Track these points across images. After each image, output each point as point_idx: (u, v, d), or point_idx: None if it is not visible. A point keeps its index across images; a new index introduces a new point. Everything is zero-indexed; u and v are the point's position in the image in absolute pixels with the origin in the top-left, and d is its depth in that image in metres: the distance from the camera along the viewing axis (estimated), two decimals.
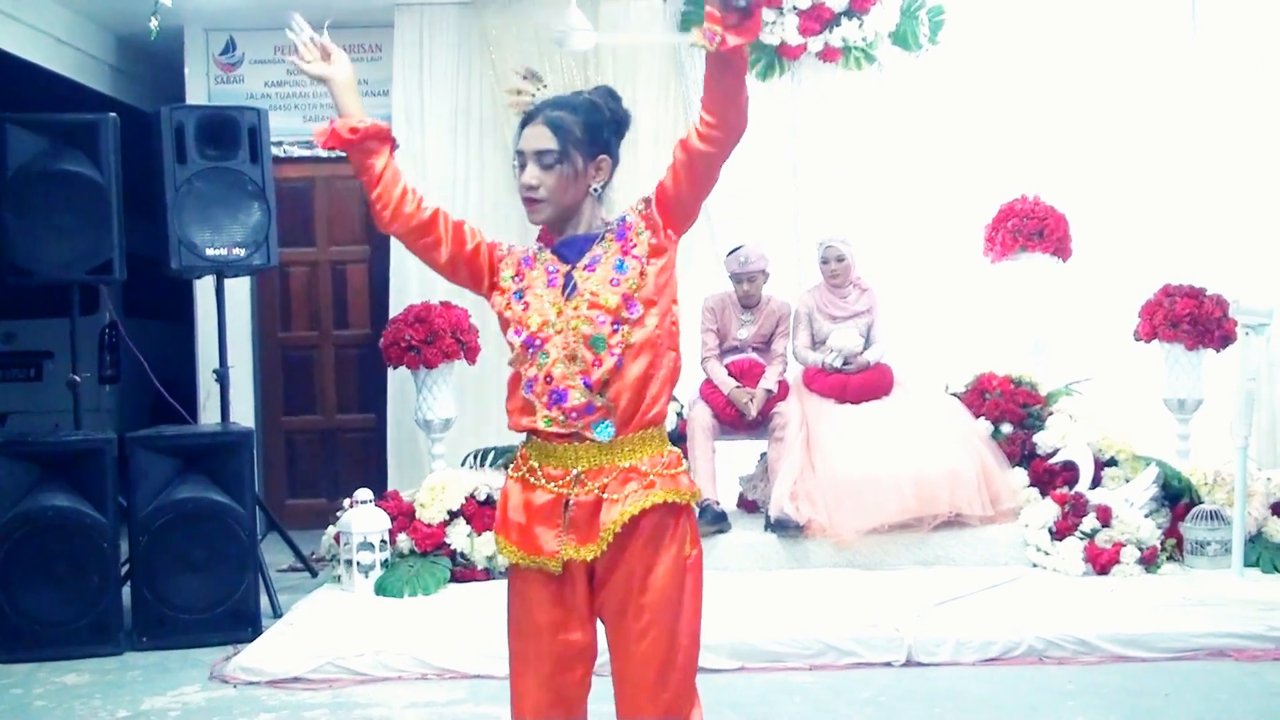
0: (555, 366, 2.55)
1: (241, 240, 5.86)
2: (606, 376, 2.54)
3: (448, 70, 7.52)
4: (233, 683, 4.77)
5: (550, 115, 2.62)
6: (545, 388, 2.56)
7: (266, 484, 7.89)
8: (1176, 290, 6.38)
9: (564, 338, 2.55)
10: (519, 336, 2.59)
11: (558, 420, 2.56)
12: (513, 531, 2.60)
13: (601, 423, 2.55)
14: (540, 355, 2.57)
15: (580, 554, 2.55)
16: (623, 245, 2.61)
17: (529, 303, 2.59)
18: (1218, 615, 5.07)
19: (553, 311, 2.57)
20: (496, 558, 6.00)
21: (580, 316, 2.55)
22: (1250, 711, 4.30)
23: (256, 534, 5.65)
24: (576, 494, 2.55)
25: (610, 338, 2.54)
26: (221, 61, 7.88)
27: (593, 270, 2.59)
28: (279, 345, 8.16)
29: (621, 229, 2.64)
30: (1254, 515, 5.86)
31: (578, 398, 2.54)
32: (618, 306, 2.55)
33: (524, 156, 2.61)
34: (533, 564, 2.57)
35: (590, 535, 2.54)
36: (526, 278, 2.63)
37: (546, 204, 2.61)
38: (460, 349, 6.48)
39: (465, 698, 4.56)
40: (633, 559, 2.55)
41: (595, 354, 2.54)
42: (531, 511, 2.58)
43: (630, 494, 2.55)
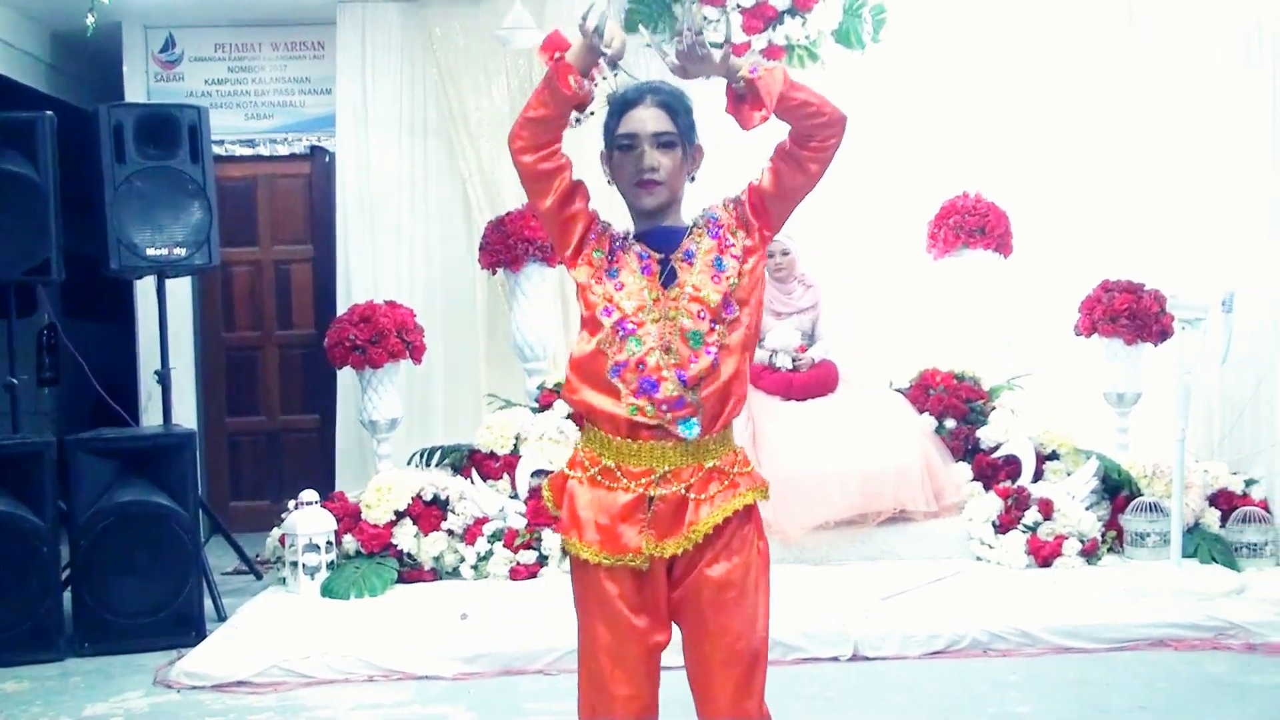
0: (649, 355, 2.52)
1: (182, 240, 5.80)
2: (702, 374, 2.53)
3: (391, 68, 7.46)
4: (176, 687, 4.72)
5: (660, 98, 2.60)
6: (635, 375, 2.53)
7: (210, 486, 7.81)
8: (1115, 286, 6.47)
9: (660, 327, 2.53)
10: (609, 317, 2.55)
11: (644, 410, 2.52)
12: (589, 530, 2.56)
13: (688, 420, 2.53)
14: (632, 341, 2.53)
15: (663, 549, 2.53)
16: (719, 243, 2.59)
17: (624, 283, 2.56)
18: (1157, 606, 5.16)
19: (649, 298, 2.54)
20: (444, 557, 5.99)
21: (680, 309, 2.53)
22: (1189, 700, 4.37)
23: (200, 537, 5.59)
24: (661, 492, 2.53)
25: (708, 335, 2.53)
26: (161, 59, 7.79)
27: (690, 263, 2.57)
28: (222, 346, 8.07)
29: (713, 226, 2.61)
30: (1191, 507, 5.95)
31: (670, 390, 2.52)
32: (718, 306, 2.54)
33: (636, 140, 2.58)
34: (618, 563, 2.53)
35: (673, 530, 2.53)
36: (621, 259, 2.59)
37: (664, 187, 2.59)
38: (405, 348, 6.44)
39: (412, 699, 4.54)
40: (716, 556, 2.54)
41: (691, 349, 2.53)
42: (613, 511, 2.54)
43: (716, 494, 2.55)
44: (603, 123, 2.68)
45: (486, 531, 6.02)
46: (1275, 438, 6.11)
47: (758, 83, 2.49)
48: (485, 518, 6.07)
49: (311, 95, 7.86)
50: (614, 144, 2.62)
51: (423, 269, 7.46)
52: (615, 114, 2.63)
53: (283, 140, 7.90)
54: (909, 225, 7.12)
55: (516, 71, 7.30)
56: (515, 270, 6.69)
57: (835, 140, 2.54)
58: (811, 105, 2.50)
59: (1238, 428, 6.49)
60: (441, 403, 7.40)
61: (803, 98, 2.50)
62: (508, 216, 6.71)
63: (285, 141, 7.91)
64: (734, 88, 2.55)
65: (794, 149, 2.54)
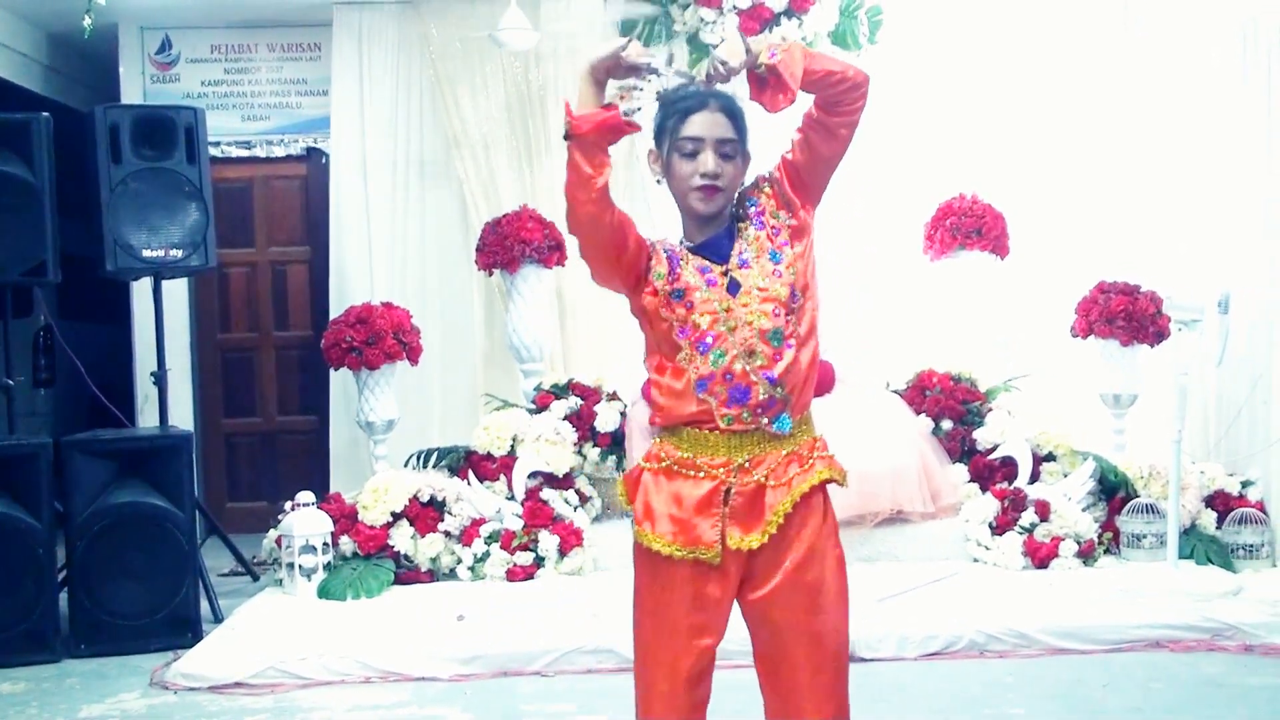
0: (735, 364, 2.51)
1: (179, 241, 5.80)
2: (787, 368, 2.53)
3: (387, 69, 7.46)
4: (173, 689, 4.71)
5: (723, 103, 2.57)
6: (724, 386, 2.52)
7: (206, 487, 7.80)
8: (1111, 287, 6.48)
9: (739, 334, 2.52)
10: (686, 337, 2.54)
11: (740, 418, 2.52)
12: (662, 522, 2.54)
13: (781, 416, 2.54)
14: (715, 354, 2.52)
15: (745, 543, 2.51)
16: (767, 233, 2.58)
17: (693, 302, 2.54)
18: (1153, 607, 5.16)
19: (721, 309, 2.53)
20: (441, 559, 5.99)
21: (753, 311, 2.52)
22: (1186, 701, 4.37)
23: (196, 538, 5.58)
24: (739, 482, 2.53)
25: (785, 330, 2.53)
26: (157, 60, 7.78)
27: (748, 267, 2.55)
28: (218, 347, 8.07)
29: (755, 215, 2.60)
30: (1188, 508, 5.96)
31: (761, 393, 2.52)
32: (787, 299, 2.54)
33: (701, 144, 2.54)
34: (689, 555, 2.51)
35: (753, 523, 2.52)
36: (682, 278, 2.56)
37: (723, 194, 2.57)
38: (402, 350, 6.45)
39: (409, 700, 4.54)
40: (806, 556, 2.54)
41: (774, 348, 2.53)
42: (687, 502, 2.53)
43: (793, 477, 2.54)
44: (656, 122, 2.62)
45: (483, 533, 6.02)
46: (1271, 439, 6.11)
47: (779, 66, 2.48)
48: (482, 519, 6.07)
49: (308, 97, 7.86)
50: (674, 146, 2.57)
51: (419, 270, 7.46)
52: (677, 115, 2.56)
53: (279, 142, 7.89)
54: (906, 226, 7.13)
55: (512, 73, 7.29)
56: (512, 271, 6.69)
57: (861, 102, 2.53)
58: (835, 74, 2.50)
59: (1234, 429, 6.49)
60: (438, 404, 7.40)
61: (825, 68, 2.49)
62: (504, 218, 6.71)
63: (281, 143, 7.90)
64: (756, 73, 2.53)
65: (822, 116, 2.54)
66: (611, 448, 6.45)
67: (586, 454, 6.44)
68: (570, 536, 6.01)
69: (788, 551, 2.53)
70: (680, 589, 2.53)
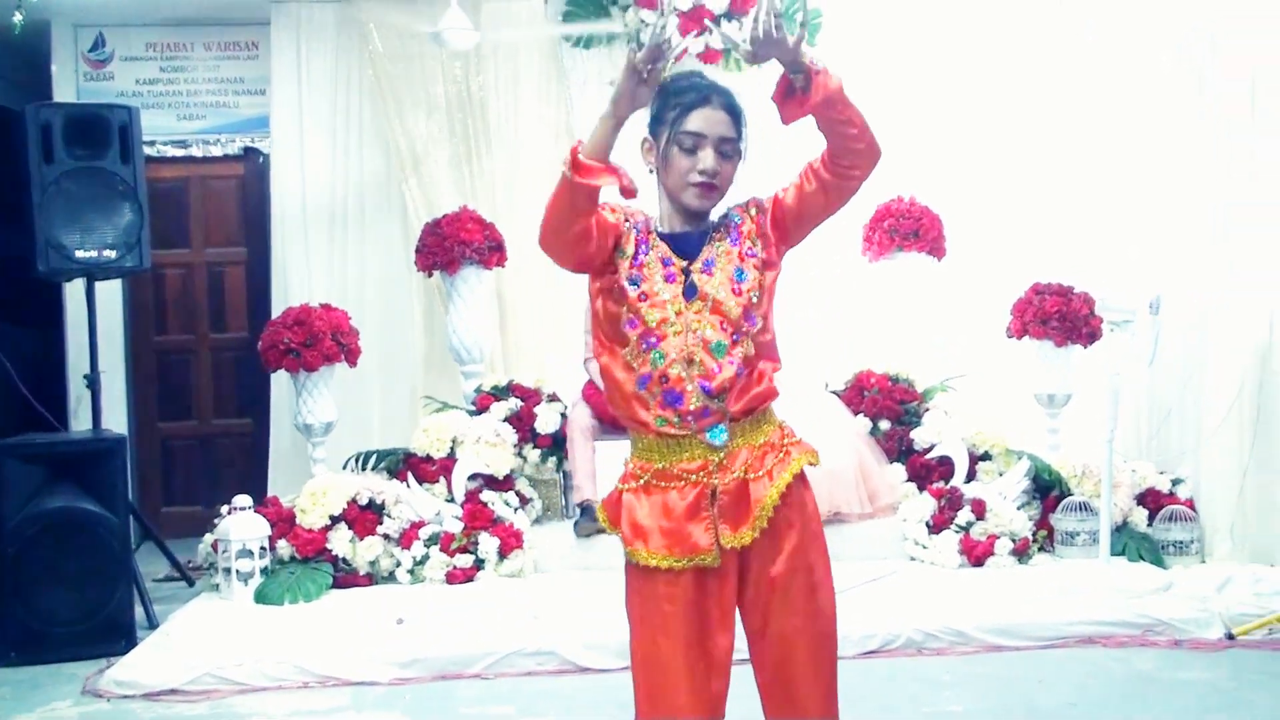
0: (672, 368, 2.50)
1: (112, 242, 5.73)
2: (726, 384, 2.51)
3: (326, 68, 7.40)
4: (106, 697, 4.65)
5: (726, 100, 2.54)
6: (660, 387, 2.51)
7: (141, 492, 7.71)
8: (1046, 289, 6.56)
9: (683, 339, 2.50)
10: (634, 330, 2.52)
11: (671, 422, 2.51)
12: (655, 537, 2.51)
13: (716, 427, 2.52)
14: (655, 354, 2.51)
15: (738, 539, 2.50)
16: (739, 250, 2.57)
17: (646, 294, 2.52)
18: (1087, 604, 5.24)
19: (672, 310, 2.51)
20: (380, 562, 5.96)
21: (703, 320, 2.51)
22: (1119, 696, 4.45)
23: (130, 543, 5.51)
24: (722, 482, 2.52)
25: (731, 348, 2.51)
26: (90, 58, 7.68)
27: (710, 274, 2.54)
28: (154, 349, 7.97)
29: (733, 231, 2.59)
30: (1120, 506, 6.06)
31: (694, 402, 2.50)
32: (739, 318, 2.52)
33: (701, 139, 2.50)
34: (689, 564, 2.50)
35: (742, 518, 2.51)
36: (645, 266, 2.54)
37: (719, 192, 2.56)
38: (341, 351, 6.40)
39: (348, 704, 4.51)
40: (793, 542, 2.54)
41: (716, 359, 2.51)
42: (676, 511, 2.52)
43: (774, 467, 2.54)
44: (653, 111, 2.55)
45: (423, 535, 5.99)
46: (1201, 438, 6.22)
47: (816, 77, 2.42)
48: (421, 521, 6.05)
49: (245, 96, 7.79)
50: (674, 139, 2.51)
51: (358, 271, 7.41)
52: (679, 108, 2.51)
53: (216, 141, 7.81)
54: (844, 228, 7.16)
55: (453, 72, 7.26)
56: (452, 273, 6.67)
57: (861, 172, 2.51)
58: (854, 126, 2.46)
59: (1164, 428, 6.60)
60: (377, 406, 7.35)
61: (849, 114, 2.45)
62: (444, 219, 6.68)
63: (218, 142, 7.82)
64: (790, 77, 2.46)
65: (820, 168, 2.52)
66: (552, 449, 6.45)
67: (527, 456, 6.43)
68: (510, 538, 5.99)
69: (781, 540, 2.54)
70: (685, 599, 2.52)
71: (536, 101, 7.31)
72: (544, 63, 7.34)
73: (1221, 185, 6.12)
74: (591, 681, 4.72)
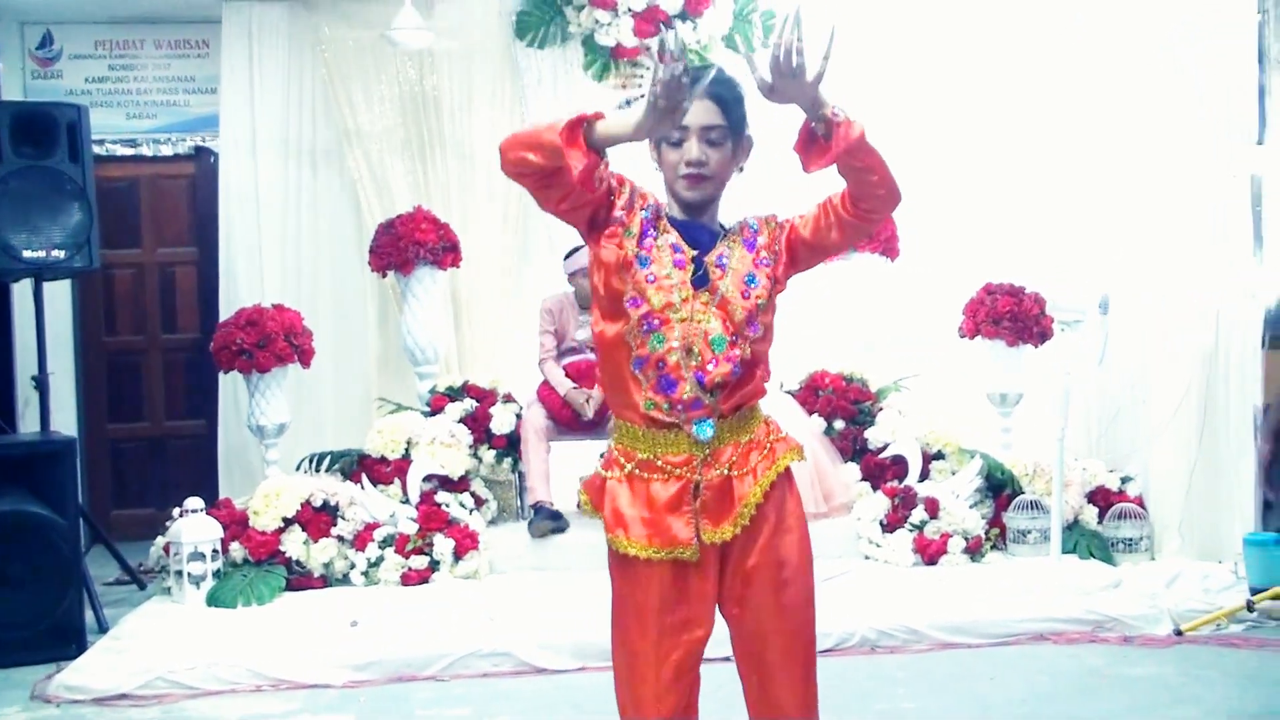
0: (670, 354, 2.50)
1: (61, 242, 5.68)
2: (721, 380, 2.51)
3: (278, 67, 7.33)
4: (55, 702, 4.59)
5: (713, 90, 2.53)
6: (655, 372, 2.51)
7: (91, 494, 7.62)
8: (998, 289, 6.62)
9: (685, 328, 2.50)
10: (637, 309, 2.51)
11: (660, 408, 2.51)
12: (635, 526, 2.52)
13: (704, 421, 2.52)
14: (655, 337, 2.50)
15: (719, 535, 2.51)
16: (754, 257, 2.58)
17: (654, 275, 2.51)
18: (1038, 601, 5.29)
19: (678, 296, 2.51)
20: (334, 564, 5.92)
21: (708, 313, 2.51)
22: (1069, 692, 4.50)
23: (80, 547, 5.45)
24: (706, 477, 2.52)
25: (730, 348, 2.52)
26: (38, 56, 7.58)
27: (723, 270, 2.55)
28: (103, 350, 7.88)
29: (750, 236, 2.60)
30: (1071, 504, 6.12)
31: (687, 392, 2.50)
32: (742, 321, 2.53)
33: (685, 133, 2.51)
34: (667, 556, 2.51)
35: (723, 514, 2.51)
36: (654, 249, 2.53)
37: (711, 181, 2.55)
38: (294, 352, 6.35)
39: (301, 708, 4.49)
40: (772, 533, 2.55)
41: (714, 354, 2.51)
42: (658, 503, 2.52)
43: (758, 465, 2.54)
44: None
45: (377, 537, 5.96)
46: (1150, 436, 6.29)
47: (837, 127, 2.41)
48: (376, 523, 6.02)
49: (196, 95, 7.72)
50: (663, 135, 2.53)
51: (311, 272, 7.35)
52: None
53: (166, 140, 7.74)
54: None
55: (406, 72, 7.23)
56: (406, 273, 6.64)
57: (879, 216, 2.54)
58: (875, 175, 2.47)
59: (1114, 427, 6.67)
60: (331, 407, 7.31)
61: (870, 161, 2.45)
62: (398, 219, 6.66)
63: (169, 142, 7.75)
64: (811, 125, 2.46)
65: (840, 206, 2.53)
66: (507, 450, 6.43)
67: (482, 456, 6.42)
68: (465, 540, 5.97)
69: (756, 535, 2.55)
70: (662, 589, 2.53)
71: (490, 101, 7.29)
72: (498, 63, 7.32)
73: (1170, 187, 6.19)
74: (548, 682, 4.72)
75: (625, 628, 2.60)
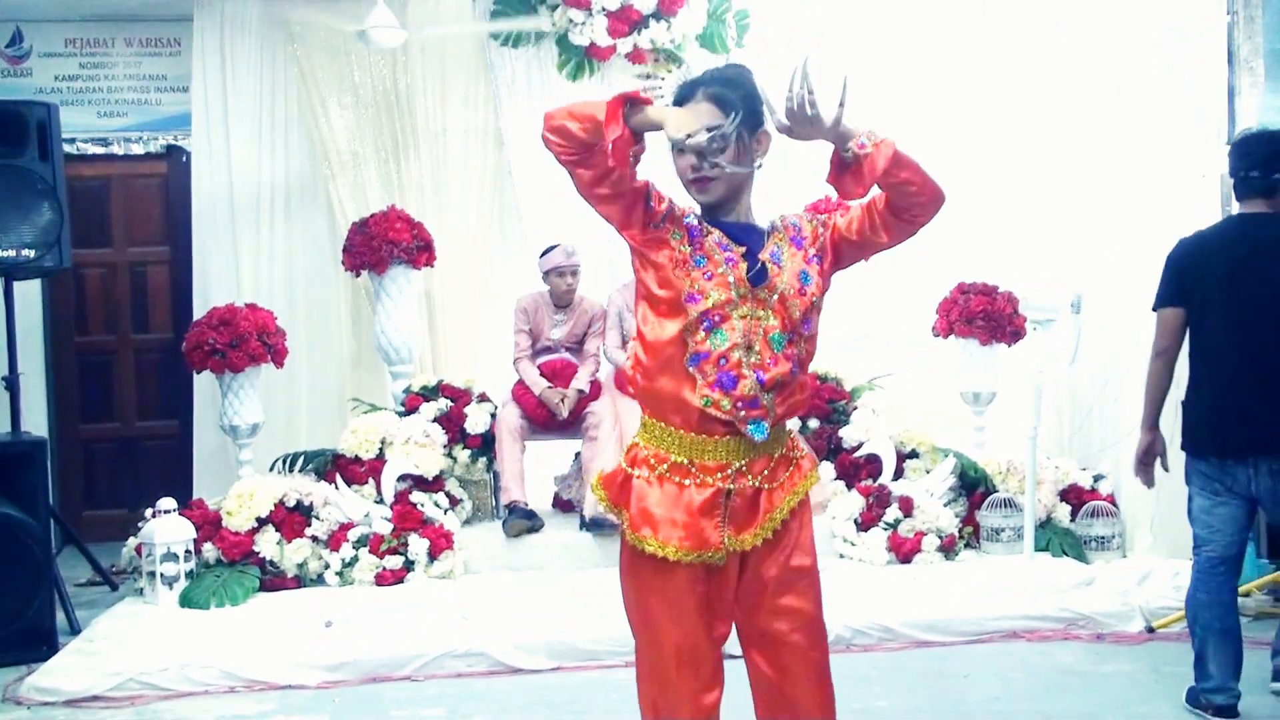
0: (733, 351, 2.51)
1: (31, 241, 5.64)
2: (779, 379, 2.53)
3: (250, 66, 7.29)
4: (27, 704, 4.57)
5: (712, 91, 2.55)
6: (715, 368, 2.51)
7: (62, 495, 7.56)
8: (971, 288, 6.65)
9: (746, 324, 2.52)
10: (696, 305, 2.51)
11: (718, 404, 2.51)
12: (667, 528, 2.53)
13: (759, 422, 2.53)
14: (717, 334, 2.51)
15: (740, 543, 2.54)
16: (804, 254, 2.60)
17: (712, 273, 2.52)
18: (1012, 599, 5.32)
19: (736, 293, 2.52)
20: (308, 564, 5.90)
21: (768, 309, 2.53)
22: (1042, 689, 4.52)
23: (52, 548, 5.42)
24: (738, 486, 2.54)
25: (788, 346, 2.54)
26: (7, 54, 7.52)
27: (779, 267, 2.56)
28: (75, 350, 7.82)
29: (797, 235, 2.62)
30: (1043, 502, 6.15)
31: (748, 389, 2.51)
32: (798, 319, 2.55)
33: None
34: (698, 559, 2.52)
35: (749, 523, 2.55)
36: (703, 245, 2.54)
37: (718, 182, 2.56)
38: (267, 352, 6.33)
39: (275, 709, 4.47)
40: (792, 544, 2.59)
41: (773, 353, 2.53)
42: (691, 507, 2.53)
43: (785, 480, 2.59)
44: None
45: (352, 537, 5.94)
46: (1121, 434, 6.32)
47: (864, 160, 2.44)
48: (350, 523, 6.00)
49: (167, 93, 7.67)
50: (671, 142, 2.52)
51: (284, 271, 7.32)
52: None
53: (137, 139, 7.69)
54: None
55: (379, 71, 7.21)
56: (379, 273, 6.62)
57: (927, 217, 2.54)
58: (913, 185, 2.48)
59: (1086, 425, 6.71)
60: (305, 407, 7.28)
61: (906, 176, 2.46)
62: (371, 218, 6.64)
63: (140, 140, 7.70)
64: (841, 156, 2.48)
65: (884, 211, 2.54)
66: (482, 449, 6.42)
67: (456, 456, 6.41)
68: (440, 540, 5.96)
69: (778, 544, 2.58)
70: (690, 589, 2.56)
71: (463, 100, 7.28)
72: (471, 61, 7.31)
73: (1142, 187, 6.23)
74: (522, 682, 4.72)
75: (659, 629, 2.58)
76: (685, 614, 2.56)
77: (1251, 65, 5.92)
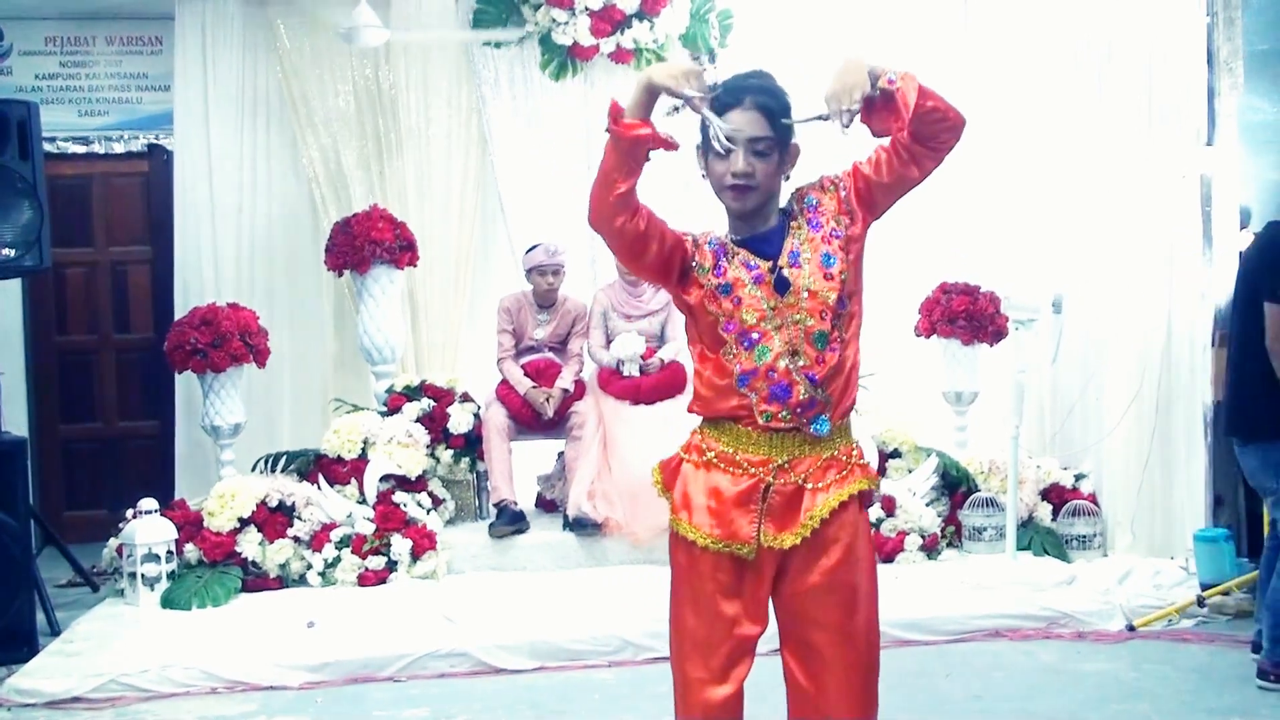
0: (778, 361, 2.52)
1: (11, 240, 5.60)
2: (831, 372, 2.54)
3: (232, 65, 7.25)
4: (7, 705, 4.54)
5: (759, 100, 2.55)
6: (766, 382, 2.53)
7: (43, 495, 7.53)
8: (953, 288, 6.67)
9: (786, 333, 2.53)
10: (731, 331, 2.54)
11: (779, 416, 2.53)
12: (700, 513, 2.55)
13: (820, 418, 2.54)
14: (760, 350, 2.53)
15: (778, 542, 2.53)
16: (821, 234, 2.59)
17: (740, 298, 2.54)
18: (994, 598, 5.35)
19: (767, 307, 2.53)
20: (290, 565, 5.88)
21: (802, 311, 2.53)
22: (1024, 688, 4.54)
23: (32, 549, 5.40)
24: (779, 482, 2.54)
25: (832, 334, 2.54)
26: None
27: (799, 266, 2.56)
28: (55, 349, 7.79)
29: (812, 214, 2.61)
30: (1025, 502, 6.18)
31: (802, 393, 2.53)
32: (835, 304, 2.55)
33: (733, 143, 2.53)
34: (725, 549, 2.53)
35: (788, 523, 2.54)
36: (729, 272, 2.56)
37: (757, 192, 2.57)
38: (249, 352, 6.31)
39: (257, 710, 4.46)
40: (840, 556, 2.55)
41: (818, 350, 2.54)
42: (727, 496, 2.54)
43: (832, 483, 2.56)
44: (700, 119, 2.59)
45: (334, 537, 5.93)
46: (1103, 433, 6.36)
47: (897, 94, 2.48)
48: (333, 524, 5.98)
49: (149, 92, 7.64)
50: (709, 146, 2.56)
51: (266, 271, 7.29)
52: (714, 113, 2.55)
53: (119, 138, 7.66)
54: None
55: (362, 70, 7.19)
56: (362, 272, 6.60)
57: (953, 143, 2.56)
58: (939, 111, 2.50)
59: (1068, 424, 6.74)
60: (287, 407, 7.25)
61: (933, 104, 2.49)
62: (354, 218, 6.62)
63: (121, 139, 7.67)
64: (869, 95, 2.51)
65: (911, 144, 2.54)
66: (465, 449, 6.42)
67: (439, 456, 6.40)
68: (423, 540, 5.95)
69: (824, 552, 2.56)
70: (715, 579, 2.56)
71: (446, 99, 7.25)
72: (454, 61, 7.29)
73: (1122, 189, 6.26)
74: (506, 683, 4.72)
75: (681, 609, 2.62)
76: (702, 600, 2.57)
77: (1231, 67, 5.95)
